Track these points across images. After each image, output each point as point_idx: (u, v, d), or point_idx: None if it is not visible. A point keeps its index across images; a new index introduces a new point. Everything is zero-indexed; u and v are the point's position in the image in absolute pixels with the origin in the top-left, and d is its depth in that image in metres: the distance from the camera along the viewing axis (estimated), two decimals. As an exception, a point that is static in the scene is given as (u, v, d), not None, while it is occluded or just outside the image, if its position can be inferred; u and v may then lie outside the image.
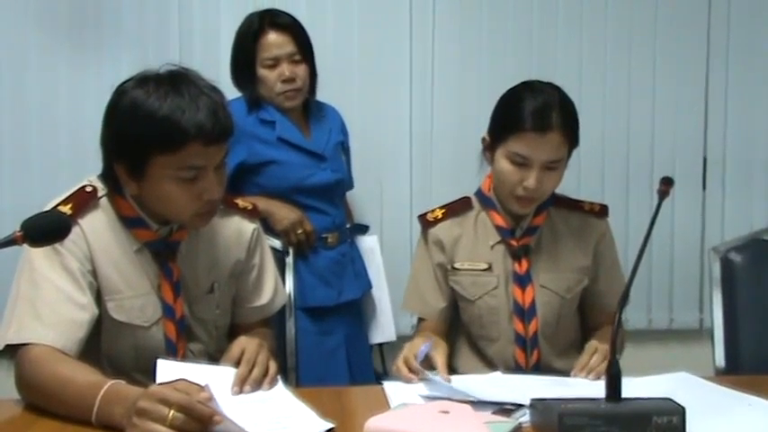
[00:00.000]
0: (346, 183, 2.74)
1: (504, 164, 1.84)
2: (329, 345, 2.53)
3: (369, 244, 2.83)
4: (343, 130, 2.75)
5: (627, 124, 3.17)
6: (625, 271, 2.86)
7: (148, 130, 1.50)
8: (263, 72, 2.50)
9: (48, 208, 1.55)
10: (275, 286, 1.87)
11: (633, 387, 1.40)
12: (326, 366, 2.50)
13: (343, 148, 2.74)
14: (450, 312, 1.97)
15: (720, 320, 2.02)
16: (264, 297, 1.84)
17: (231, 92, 2.44)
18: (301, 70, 2.53)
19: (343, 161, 2.71)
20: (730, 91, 3.21)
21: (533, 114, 1.77)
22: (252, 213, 1.83)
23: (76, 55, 2.92)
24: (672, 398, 1.34)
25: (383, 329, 2.78)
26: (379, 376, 2.76)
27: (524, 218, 1.92)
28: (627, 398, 1.33)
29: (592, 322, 1.98)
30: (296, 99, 2.54)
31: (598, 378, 1.64)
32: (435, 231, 1.97)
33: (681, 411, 1.26)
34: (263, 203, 2.32)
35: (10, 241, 1.29)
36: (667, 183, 1.64)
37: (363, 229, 2.86)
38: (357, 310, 2.72)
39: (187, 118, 1.49)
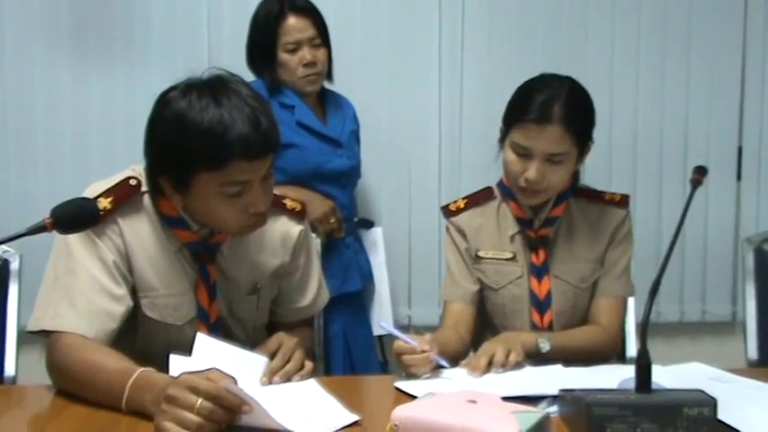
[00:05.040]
0: (359, 171, 2.75)
1: (508, 154, 1.85)
2: (327, 334, 2.51)
3: (373, 236, 2.85)
4: (356, 120, 2.76)
5: (660, 113, 3.12)
6: (657, 262, 2.86)
7: (192, 145, 1.47)
8: (284, 56, 2.50)
9: (91, 196, 1.54)
10: (318, 287, 1.87)
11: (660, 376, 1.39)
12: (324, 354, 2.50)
13: (356, 137, 2.75)
14: (478, 299, 1.97)
15: (754, 312, 2.00)
16: (307, 298, 1.85)
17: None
18: (321, 54, 2.53)
19: (356, 149, 2.73)
20: (768, 78, 3.14)
21: (535, 106, 1.77)
22: (300, 214, 1.81)
23: (107, 54, 2.96)
24: (702, 389, 1.32)
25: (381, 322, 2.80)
26: (381, 366, 2.79)
27: (543, 209, 1.91)
28: (657, 389, 1.31)
29: (590, 309, 1.96)
30: (317, 83, 2.55)
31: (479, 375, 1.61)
32: (457, 221, 1.99)
33: (712, 403, 1.24)
34: (295, 194, 2.33)
35: (40, 228, 1.31)
36: (700, 172, 1.62)
37: (368, 224, 2.87)
38: (359, 302, 2.73)
39: (230, 134, 1.45)
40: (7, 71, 2.94)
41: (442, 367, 1.63)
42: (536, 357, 1.74)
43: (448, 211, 2.01)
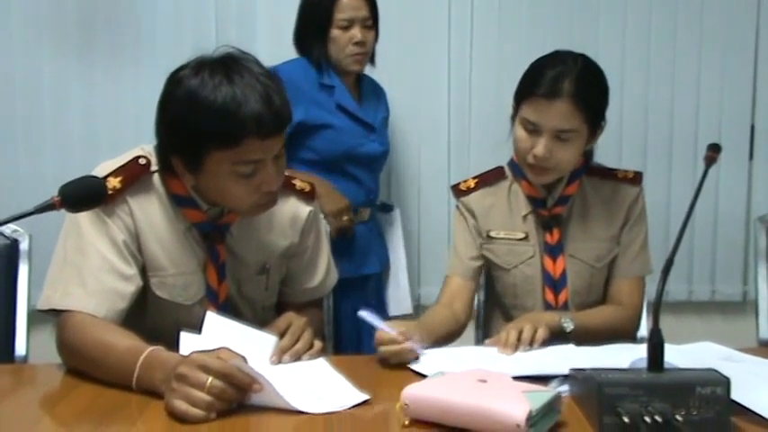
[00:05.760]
0: (387, 156, 2.76)
1: (518, 130, 1.83)
2: (338, 315, 2.50)
3: (390, 218, 2.87)
4: (388, 107, 2.79)
5: (671, 90, 3.09)
6: (667, 241, 2.85)
7: (204, 124, 1.46)
8: (335, 32, 2.51)
9: (100, 175, 1.53)
10: (327, 268, 1.87)
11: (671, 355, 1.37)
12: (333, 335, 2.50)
13: (387, 123, 2.77)
14: (480, 276, 1.97)
15: (765, 292, 1.99)
16: (316, 279, 1.85)
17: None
18: (371, 36, 2.56)
19: (387, 135, 2.75)
20: (781, 55, 3.09)
21: (545, 81, 1.75)
22: (309, 195, 1.81)
23: (114, 41, 2.96)
24: (715, 368, 1.31)
25: (400, 302, 2.83)
26: None
27: (556, 187, 1.90)
28: (669, 368, 1.30)
29: (607, 289, 1.95)
30: (362, 63, 2.57)
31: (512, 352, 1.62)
32: (467, 200, 1.98)
33: (725, 382, 1.23)
34: (314, 182, 2.33)
35: (48, 206, 1.31)
36: (715, 149, 1.62)
37: (388, 207, 2.89)
38: (375, 284, 2.74)
39: (243, 112, 1.45)
40: (16, 58, 2.93)
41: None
42: (559, 337, 1.74)
43: (458, 191, 2.00)
